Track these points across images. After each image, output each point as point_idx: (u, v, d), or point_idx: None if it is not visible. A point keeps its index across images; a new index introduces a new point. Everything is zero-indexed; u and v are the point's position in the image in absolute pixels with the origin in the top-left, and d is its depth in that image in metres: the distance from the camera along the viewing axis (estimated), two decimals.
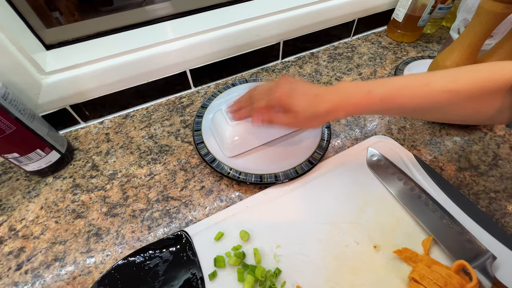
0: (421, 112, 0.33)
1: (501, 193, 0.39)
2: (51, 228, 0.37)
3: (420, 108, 0.32)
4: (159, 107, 0.53)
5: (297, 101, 0.32)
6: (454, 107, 0.31)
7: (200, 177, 0.42)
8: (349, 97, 0.32)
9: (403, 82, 0.32)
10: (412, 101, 0.31)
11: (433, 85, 0.30)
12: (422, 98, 0.31)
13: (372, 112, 0.34)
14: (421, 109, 0.32)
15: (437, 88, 0.30)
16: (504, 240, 0.33)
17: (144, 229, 0.37)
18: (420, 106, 0.31)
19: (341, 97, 0.32)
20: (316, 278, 0.32)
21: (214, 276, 0.32)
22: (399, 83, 0.32)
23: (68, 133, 0.49)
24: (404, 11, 0.61)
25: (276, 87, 0.34)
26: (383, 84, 0.32)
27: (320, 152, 0.42)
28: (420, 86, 0.31)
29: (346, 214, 0.37)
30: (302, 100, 0.32)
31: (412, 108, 0.32)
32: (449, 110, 0.31)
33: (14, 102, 0.35)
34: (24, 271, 0.34)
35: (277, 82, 0.35)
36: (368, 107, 0.32)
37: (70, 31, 0.47)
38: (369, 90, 0.32)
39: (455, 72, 0.30)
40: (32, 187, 0.42)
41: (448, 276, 0.29)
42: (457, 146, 0.45)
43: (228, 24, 0.51)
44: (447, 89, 0.30)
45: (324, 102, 0.32)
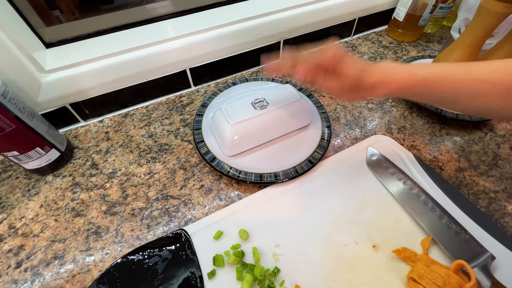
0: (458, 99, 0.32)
1: (500, 193, 0.39)
2: (50, 226, 0.37)
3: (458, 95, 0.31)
4: (159, 106, 0.53)
5: (349, 66, 0.32)
6: (488, 98, 0.30)
7: (200, 176, 0.42)
8: (393, 75, 0.32)
9: (444, 68, 0.31)
10: (451, 87, 0.31)
11: (473, 74, 0.30)
12: (463, 85, 0.30)
13: (411, 94, 0.33)
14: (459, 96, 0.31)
15: (477, 77, 0.29)
16: (504, 240, 0.33)
17: (143, 228, 0.37)
18: (459, 93, 0.31)
19: (385, 74, 0.32)
20: (315, 277, 0.32)
21: (213, 275, 0.32)
22: (440, 68, 0.31)
23: (68, 131, 0.49)
24: (405, 10, 0.61)
25: (328, 48, 0.33)
26: (425, 67, 0.32)
27: (320, 151, 0.42)
28: (461, 73, 0.30)
29: (346, 213, 0.37)
30: (353, 67, 0.32)
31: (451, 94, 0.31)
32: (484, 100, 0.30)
33: (14, 100, 0.35)
34: (23, 269, 0.34)
35: (328, 45, 0.33)
36: (410, 88, 0.32)
37: (70, 29, 0.47)
38: (411, 71, 0.31)
39: (495, 63, 0.30)
40: (31, 185, 0.42)
41: (447, 275, 0.29)
42: (457, 146, 0.45)
43: (228, 22, 0.51)
44: (486, 78, 0.29)
45: (372, 75, 0.32)
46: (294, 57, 0.35)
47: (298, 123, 0.45)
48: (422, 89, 0.32)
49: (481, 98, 0.30)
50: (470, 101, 0.31)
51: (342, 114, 0.50)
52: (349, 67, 0.32)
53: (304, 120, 0.45)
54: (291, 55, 0.36)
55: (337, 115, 0.50)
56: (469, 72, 0.30)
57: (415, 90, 0.32)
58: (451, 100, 0.33)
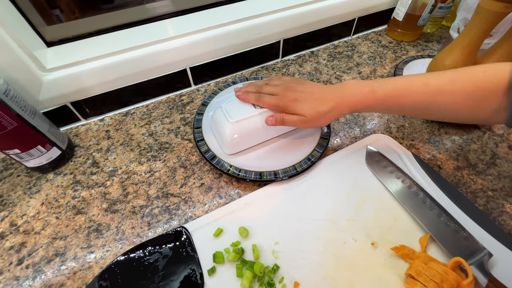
0: (420, 111, 0.35)
1: (498, 192, 0.40)
2: (51, 224, 0.38)
3: (419, 108, 0.33)
4: (159, 104, 0.53)
5: (302, 106, 0.36)
6: (451, 107, 0.32)
7: (200, 174, 0.42)
8: (352, 95, 0.35)
9: (404, 82, 0.33)
10: (411, 100, 0.33)
11: (431, 85, 0.31)
12: (421, 97, 0.32)
13: (374, 110, 0.36)
14: (420, 108, 0.33)
15: (435, 88, 0.31)
16: (501, 238, 0.33)
17: (144, 225, 0.37)
18: (419, 105, 0.33)
19: (345, 95, 0.35)
20: (314, 275, 0.32)
21: (213, 271, 0.32)
22: (400, 83, 0.33)
23: (69, 130, 0.50)
24: (404, 10, 0.61)
25: (284, 93, 0.38)
26: (385, 83, 0.34)
27: (319, 150, 0.42)
28: (419, 86, 0.32)
29: (345, 211, 0.37)
30: (307, 105, 0.36)
31: (412, 107, 0.34)
32: (446, 109, 0.32)
33: (16, 99, 0.36)
34: (25, 266, 0.34)
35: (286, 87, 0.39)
36: (371, 105, 0.34)
37: (71, 28, 0.48)
38: (372, 89, 0.34)
39: (452, 73, 0.32)
40: (33, 183, 0.42)
41: (445, 272, 0.29)
42: (455, 145, 0.45)
43: (229, 22, 0.51)
44: (444, 89, 0.31)
45: (328, 102, 0.35)
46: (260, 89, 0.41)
47: None
48: (383, 104, 0.34)
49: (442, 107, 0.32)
50: (432, 111, 0.33)
51: None
52: (304, 106, 0.36)
53: None
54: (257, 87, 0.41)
55: None
56: (427, 84, 0.32)
57: (375, 106, 0.35)
58: (417, 112, 0.35)
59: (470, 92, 0.30)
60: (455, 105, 0.32)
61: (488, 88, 0.29)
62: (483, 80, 0.30)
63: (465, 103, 0.31)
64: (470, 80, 0.30)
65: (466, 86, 0.30)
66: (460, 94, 0.31)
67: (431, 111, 0.34)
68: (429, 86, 0.32)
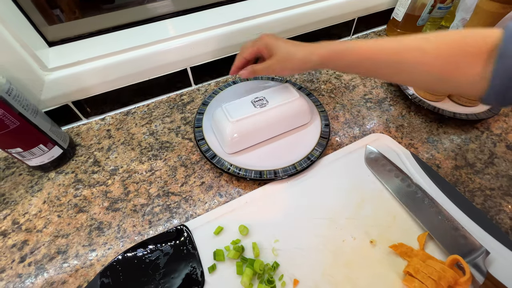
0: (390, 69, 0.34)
1: (496, 191, 0.40)
2: (53, 222, 0.38)
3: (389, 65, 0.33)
4: (160, 104, 0.54)
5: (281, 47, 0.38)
6: (421, 68, 0.30)
7: (200, 173, 0.43)
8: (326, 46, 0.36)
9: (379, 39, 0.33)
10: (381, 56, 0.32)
11: (403, 42, 0.31)
12: (392, 53, 0.31)
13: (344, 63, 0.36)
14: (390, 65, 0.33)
15: (407, 45, 0.30)
16: (498, 236, 0.34)
17: (145, 224, 0.38)
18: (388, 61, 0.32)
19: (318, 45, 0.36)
20: (313, 272, 0.32)
21: (213, 269, 0.32)
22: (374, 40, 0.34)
23: (70, 129, 0.50)
24: (403, 10, 0.61)
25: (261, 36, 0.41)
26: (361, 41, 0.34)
27: (319, 149, 0.43)
28: (392, 41, 0.32)
29: (344, 210, 0.37)
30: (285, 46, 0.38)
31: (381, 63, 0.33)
32: (415, 70, 0.31)
33: (18, 98, 0.36)
34: (27, 263, 0.34)
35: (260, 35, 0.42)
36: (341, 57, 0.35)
37: (72, 28, 0.48)
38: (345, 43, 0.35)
39: (429, 34, 0.31)
40: (34, 181, 0.42)
41: (442, 270, 0.30)
42: (454, 144, 0.46)
43: (229, 22, 0.52)
44: (417, 46, 0.30)
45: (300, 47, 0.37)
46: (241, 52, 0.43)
47: (298, 122, 0.46)
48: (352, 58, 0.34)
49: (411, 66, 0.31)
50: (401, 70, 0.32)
51: (341, 113, 0.51)
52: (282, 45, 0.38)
53: (303, 119, 0.46)
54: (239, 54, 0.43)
55: (336, 113, 0.51)
56: (401, 40, 0.31)
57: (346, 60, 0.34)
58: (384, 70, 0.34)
59: (445, 54, 0.28)
60: (425, 67, 0.30)
61: (467, 53, 0.27)
62: (459, 42, 0.28)
63: (437, 65, 0.29)
64: (446, 41, 0.28)
65: (440, 47, 0.28)
66: (433, 54, 0.29)
67: (401, 69, 0.32)
68: (401, 42, 0.31)
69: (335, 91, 0.55)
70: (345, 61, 0.35)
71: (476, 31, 0.28)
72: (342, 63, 0.35)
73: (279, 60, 0.37)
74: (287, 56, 0.37)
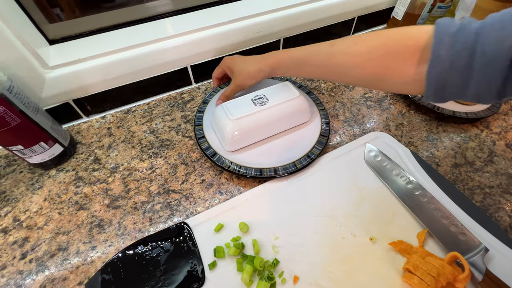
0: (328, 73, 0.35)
1: (495, 189, 0.40)
2: (54, 219, 0.38)
3: (325, 68, 0.34)
4: (160, 102, 0.54)
5: (237, 65, 0.44)
6: (356, 70, 0.31)
7: (201, 171, 0.43)
8: (274, 56, 0.40)
9: (318, 45, 0.35)
10: (317, 61, 0.34)
11: (336, 46, 0.32)
12: (326, 57, 0.33)
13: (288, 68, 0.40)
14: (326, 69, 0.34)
15: (339, 49, 0.31)
16: (497, 234, 0.34)
17: (145, 221, 0.38)
18: (324, 65, 0.34)
19: (268, 56, 0.41)
20: (313, 269, 0.32)
21: (214, 266, 0.33)
22: (314, 45, 0.35)
23: (71, 127, 0.50)
24: (403, 9, 0.62)
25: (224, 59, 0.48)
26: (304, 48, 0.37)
27: (319, 147, 0.43)
28: (326, 46, 0.33)
29: (344, 207, 0.38)
30: (240, 64, 0.44)
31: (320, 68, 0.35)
32: (352, 72, 0.31)
33: (19, 95, 0.36)
34: (28, 260, 0.35)
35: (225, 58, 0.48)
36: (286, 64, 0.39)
37: (73, 26, 0.48)
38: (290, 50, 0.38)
39: (359, 36, 0.31)
40: (35, 179, 0.42)
41: (442, 267, 0.30)
42: (453, 143, 0.46)
43: (229, 20, 0.52)
44: (347, 51, 0.31)
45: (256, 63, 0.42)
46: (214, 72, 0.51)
47: (298, 120, 0.46)
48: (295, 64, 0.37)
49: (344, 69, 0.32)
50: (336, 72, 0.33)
51: (341, 111, 0.51)
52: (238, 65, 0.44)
53: (304, 117, 0.46)
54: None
55: (336, 112, 0.51)
56: (334, 44, 0.32)
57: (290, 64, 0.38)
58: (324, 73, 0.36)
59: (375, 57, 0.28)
60: (357, 69, 0.30)
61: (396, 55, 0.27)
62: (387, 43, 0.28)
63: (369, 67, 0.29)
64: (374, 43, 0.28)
65: (370, 50, 0.28)
66: (364, 57, 0.29)
67: (335, 72, 0.34)
68: (334, 47, 0.32)
69: (335, 90, 0.55)
70: (288, 67, 0.39)
71: (403, 30, 0.28)
72: (286, 69, 0.40)
73: (238, 76, 0.44)
74: (243, 71, 0.43)
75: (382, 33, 0.29)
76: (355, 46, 0.30)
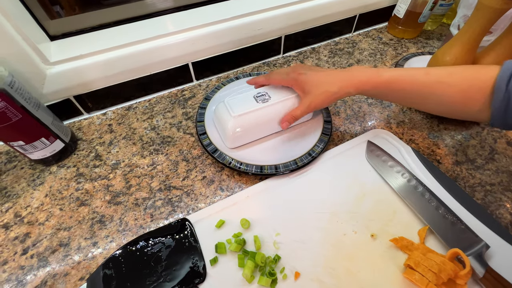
0: (419, 99, 0.36)
1: (496, 186, 0.40)
2: (55, 215, 0.38)
3: (419, 95, 0.35)
4: (161, 99, 0.54)
5: (312, 84, 0.38)
6: (447, 99, 0.34)
7: (202, 168, 0.43)
8: (359, 75, 0.36)
9: (407, 70, 0.35)
10: (412, 87, 0.35)
11: (432, 75, 0.34)
12: (422, 85, 0.34)
13: (377, 92, 0.37)
14: (420, 96, 0.35)
15: (435, 78, 0.33)
16: (498, 231, 0.34)
17: (146, 217, 0.38)
18: (419, 92, 0.35)
19: (351, 75, 0.37)
20: (314, 265, 0.32)
21: (215, 261, 0.33)
22: (404, 70, 0.35)
23: (72, 123, 0.50)
24: (405, 7, 0.61)
25: (293, 69, 0.41)
26: (390, 69, 0.36)
27: (320, 145, 0.43)
28: (422, 74, 0.34)
29: (345, 204, 0.38)
30: (316, 83, 0.38)
31: (412, 93, 0.35)
32: (442, 101, 0.34)
33: (20, 91, 0.36)
34: (29, 256, 0.35)
35: (293, 67, 0.42)
36: (375, 86, 0.36)
37: (74, 22, 0.48)
38: (377, 71, 0.36)
39: (451, 68, 0.34)
40: (36, 175, 0.42)
41: (443, 263, 0.30)
42: (454, 140, 0.46)
43: (231, 17, 0.52)
44: (443, 80, 0.33)
45: (335, 82, 0.37)
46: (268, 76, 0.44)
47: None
48: (386, 87, 0.36)
49: (439, 98, 0.34)
50: (430, 101, 0.35)
51: (342, 109, 0.51)
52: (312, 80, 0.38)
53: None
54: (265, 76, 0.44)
55: (337, 109, 0.51)
56: (428, 73, 0.34)
57: (379, 88, 0.36)
58: (416, 100, 0.36)
59: (464, 87, 0.32)
60: (450, 98, 0.33)
61: (478, 88, 0.31)
62: (474, 77, 0.32)
63: (459, 97, 0.33)
64: (465, 77, 0.32)
65: (461, 81, 0.32)
66: (456, 87, 0.32)
67: (429, 100, 0.35)
68: (430, 75, 0.34)
69: None
70: (379, 91, 0.37)
71: (483, 68, 0.32)
72: (376, 92, 0.37)
73: (314, 98, 0.38)
74: (322, 93, 0.38)
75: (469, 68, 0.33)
76: (449, 78, 0.33)
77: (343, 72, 0.37)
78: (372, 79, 0.36)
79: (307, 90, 0.38)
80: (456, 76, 0.33)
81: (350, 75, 0.37)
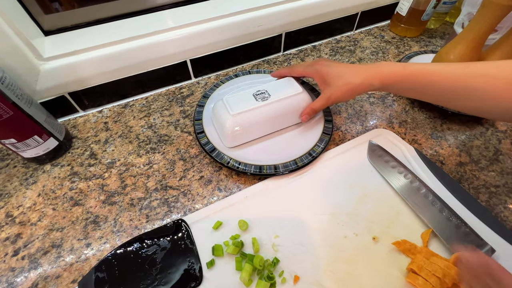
0: (452, 95, 0.32)
1: (501, 188, 0.39)
2: (48, 215, 0.37)
3: (451, 90, 0.31)
4: (159, 97, 0.53)
5: (334, 75, 0.36)
6: (491, 94, 0.29)
7: (199, 167, 0.42)
8: (385, 68, 0.34)
9: (438, 64, 0.32)
10: (445, 81, 0.30)
11: (471, 68, 0.29)
12: (458, 79, 0.30)
13: (403, 86, 0.34)
14: (453, 91, 0.31)
15: (476, 71, 0.29)
16: (503, 234, 0.33)
17: (142, 218, 0.37)
18: (452, 87, 0.30)
19: (375, 67, 0.34)
20: (314, 269, 0.31)
21: (212, 264, 0.32)
22: (433, 65, 0.32)
23: (67, 121, 0.49)
24: (408, 4, 0.60)
25: (316, 61, 0.40)
26: (419, 64, 0.33)
27: (320, 145, 0.42)
28: (458, 68, 0.30)
29: (346, 205, 0.37)
30: (338, 74, 0.36)
31: (444, 89, 0.31)
32: (484, 96, 0.29)
33: (12, 87, 0.35)
34: (21, 257, 0.34)
35: (317, 59, 0.41)
36: (401, 79, 0.33)
37: (69, 17, 0.47)
38: (403, 65, 0.33)
39: (493, 62, 0.30)
40: (29, 174, 0.41)
41: (447, 267, 0.29)
42: (458, 141, 0.45)
43: (230, 13, 0.51)
44: (487, 73, 0.28)
45: (359, 73, 0.35)
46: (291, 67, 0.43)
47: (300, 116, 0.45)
48: (413, 80, 0.32)
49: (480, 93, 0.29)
50: (468, 97, 0.30)
51: (343, 108, 0.50)
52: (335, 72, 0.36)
53: None
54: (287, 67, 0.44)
55: (338, 108, 0.50)
56: (467, 67, 0.30)
57: (406, 81, 0.33)
58: (445, 96, 0.32)
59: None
60: (494, 94, 0.28)
61: None
62: None
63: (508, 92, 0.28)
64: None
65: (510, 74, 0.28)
66: (504, 80, 0.28)
67: (465, 95, 0.30)
68: (469, 68, 0.30)
69: None
70: (406, 85, 0.33)
71: None
72: (402, 87, 0.34)
73: (336, 89, 0.36)
74: (343, 84, 0.35)
75: None
76: (495, 69, 0.28)
77: (368, 65, 0.35)
78: (399, 72, 0.33)
79: (329, 82, 0.36)
80: (503, 69, 0.28)
81: (376, 67, 0.34)
